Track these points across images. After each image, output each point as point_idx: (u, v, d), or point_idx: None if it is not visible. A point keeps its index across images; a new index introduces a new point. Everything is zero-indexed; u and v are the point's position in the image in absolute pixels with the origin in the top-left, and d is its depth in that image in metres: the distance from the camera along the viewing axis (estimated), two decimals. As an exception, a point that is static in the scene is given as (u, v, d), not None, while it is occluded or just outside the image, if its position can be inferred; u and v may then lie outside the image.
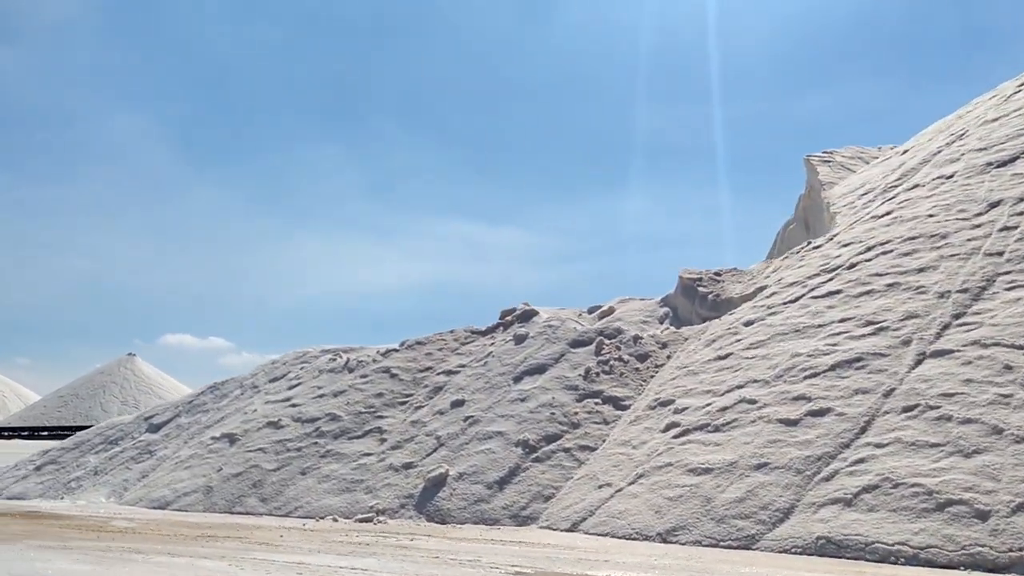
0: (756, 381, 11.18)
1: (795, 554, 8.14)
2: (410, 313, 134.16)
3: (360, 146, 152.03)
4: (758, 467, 9.44)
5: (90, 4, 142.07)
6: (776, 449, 9.59)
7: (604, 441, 12.18)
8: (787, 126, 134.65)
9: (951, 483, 7.95)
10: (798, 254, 15.30)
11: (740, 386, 11.28)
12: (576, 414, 12.87)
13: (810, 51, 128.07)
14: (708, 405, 11.23)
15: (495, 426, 12.99)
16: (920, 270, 11.94)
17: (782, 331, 12.20)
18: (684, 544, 8.93)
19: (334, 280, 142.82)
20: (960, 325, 10.34)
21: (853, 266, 13.07)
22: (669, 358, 14.01)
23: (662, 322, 15.79)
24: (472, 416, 13.50)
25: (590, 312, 17.13)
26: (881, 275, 12.31)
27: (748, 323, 13.10)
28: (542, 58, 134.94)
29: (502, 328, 16.46)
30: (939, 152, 16.10)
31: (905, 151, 18.63)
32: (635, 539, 9.38)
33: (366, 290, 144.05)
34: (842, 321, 11.62)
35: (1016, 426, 8.33)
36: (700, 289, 15.92)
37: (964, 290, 10.96)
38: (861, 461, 8.79)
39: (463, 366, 15.36)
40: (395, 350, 16.75)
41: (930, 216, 13.36)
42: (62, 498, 15.75)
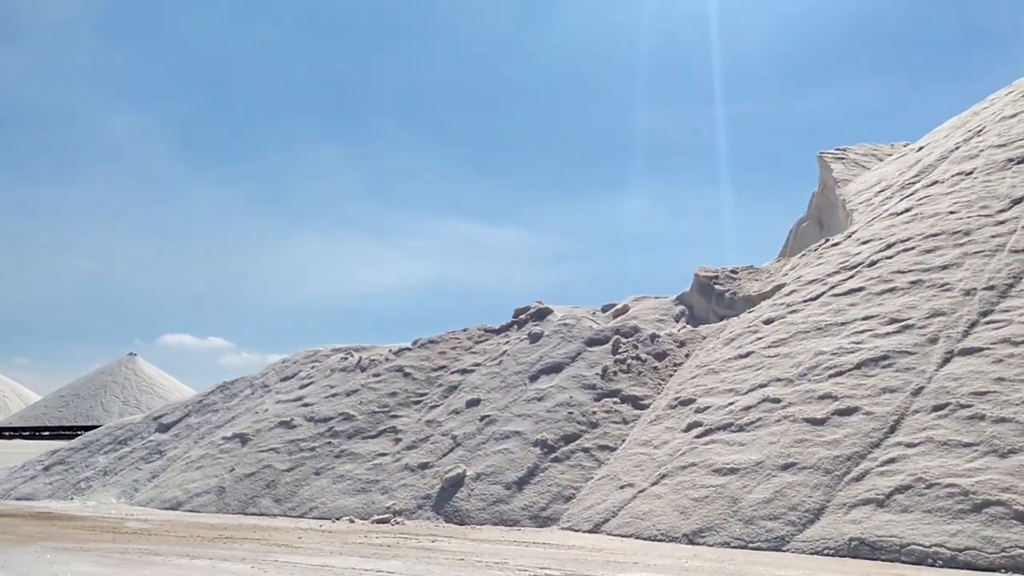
0: (779, 380, 11.02)
1: (828, 556, 7.99)
2: (410, 313, 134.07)
3: (360, 146, 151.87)
4: (785, 467, 9.29)
5: (90, 4, 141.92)
6: (803, 449, 9.43)
7: (624, 441, 12.02)
8: (787, 126, 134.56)
9: (987, 483, 7.79)
10: (816, 252, 15.14)
11: (763, 385, 11.12)
12: (594, 413, 12.71)
13: (810, 51, 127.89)
14: (731, 404, 11.08)
15: (512, 425, 12.83)
16: (944, 267, 11.78)
17: (804, 329, 12.04)
18: (712, 546, 8.78)
19: (334, 280, 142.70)
20: (988, 323, 10.18)
21: (874, 263, 12.91)
22: (687, 357, 13.85)
23: (678, 320, 15.63)
24: (488, 415, 13.34)
25: (604, 310, 16.98)
26: (903, 272, 12.16)
27: (768, 321, 12.94)
28: (542, 58, 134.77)
29: (516, 327, 16.29)
30: (957, 148, 15.94)
31: (920, 148, 18.47)
32: (661, 540, 9.23)
33: (366, 290, 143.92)
34: (865, 319, 11.47)
35: (1052, 425, 8.18)
36: (717, 287, 15.76)
37: (990, 287, 10.81)
38: (892, 461, 8.64)
39: (478, 365, 15.19)
40: (408, 349, 16.59)
41: (951, 213, 13.21)
42: (72, 499, 15.59)
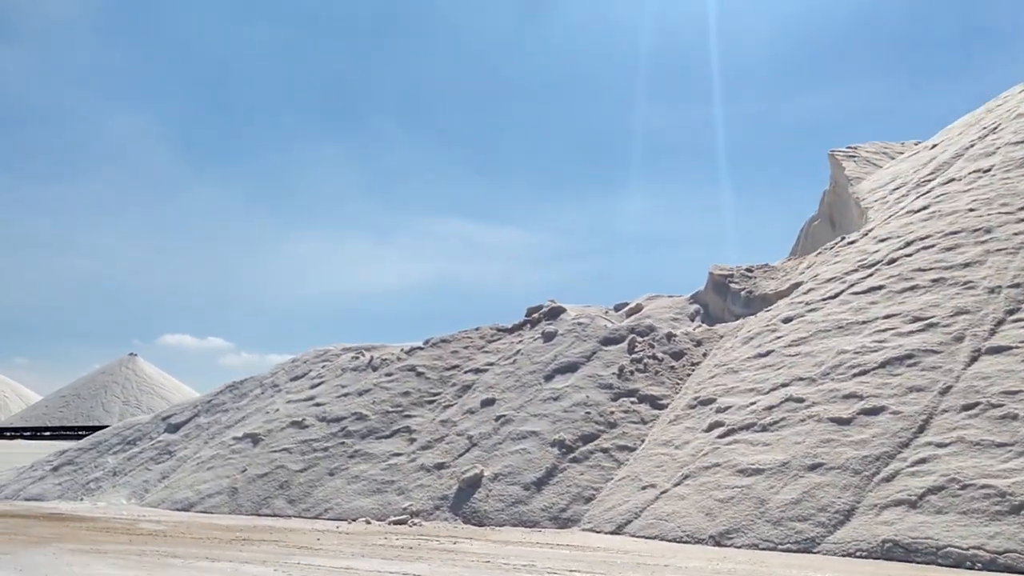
0: (802, 379, 10.89)
1: (860, 558, 7.85)
2: (410, 313, 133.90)
3: (360, 146, 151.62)
4: (812, 467, 9.16)
5: (90, 4, 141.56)
6: (830, 449, 9.30)
7: (643, 441, 11.89)
8: (787, 126, 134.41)
9: (1024, 484, 7.66)
10: (832, 250, 15.01)
11: (785, 384, 10.99)
12: (612, 413, 12.57)
13: (810, 51, 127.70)
14: (753, 404, 10.95)
15: (529, 425, 12.69)
16: (966, 264, 11.65)
17: (824, 328, 11.91)
18: (740, 547, 8.64)
19: (334, 280, 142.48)
20: (1015, 321, 10.05)
21: (893, 261, 12.78)
22: (705, 356, 13.72)
23: (693, 319, 15.49)
24: (504, 415, 13.20)
25: (616, 309, 16.84)
26: (924, 270, 12.03)
27: (787, 320, 12.81)
28: (542, 58, 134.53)
29: (529, 325, 16.15)
30: (972, 146, 15.81)
31: (934, 145, 18.34)
32: (687, 542, 9.09)
33: (366, 290, 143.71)
34: (887, 317, 11.33)
35: (1088, 425, 8.05)
36: (732, 286, 15.62)
37: (1016, 285, 10.68)
38: (923, 461, 8.50)
39: (491, 364, 15.04)
40: (419, 348, 16.44)
41: (971, 210, 13.08)
42: (81, 499, 15.44)
